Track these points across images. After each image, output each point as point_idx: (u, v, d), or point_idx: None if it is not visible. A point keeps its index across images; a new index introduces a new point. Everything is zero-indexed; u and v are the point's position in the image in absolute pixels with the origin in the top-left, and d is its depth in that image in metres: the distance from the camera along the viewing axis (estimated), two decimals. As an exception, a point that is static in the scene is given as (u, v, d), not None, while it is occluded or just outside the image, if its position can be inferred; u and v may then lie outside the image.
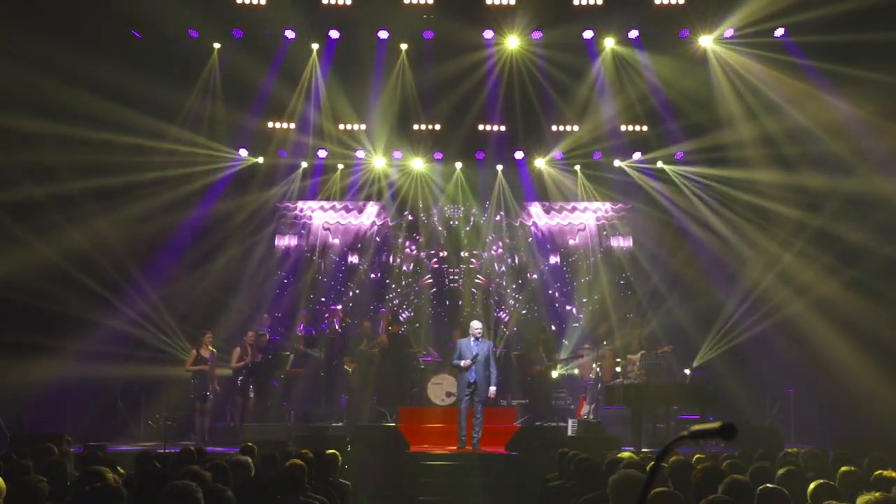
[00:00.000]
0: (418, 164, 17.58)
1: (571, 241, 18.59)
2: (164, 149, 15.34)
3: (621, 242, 18.42)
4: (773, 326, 15.04)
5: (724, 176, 16.34)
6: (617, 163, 17.67)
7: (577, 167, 17.86)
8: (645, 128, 16.75)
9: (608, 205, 18.48)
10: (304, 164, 17.63)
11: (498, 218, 18.54)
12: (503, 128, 16.94)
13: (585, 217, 18.63)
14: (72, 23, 13.20)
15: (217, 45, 15.19)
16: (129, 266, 15.14)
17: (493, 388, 12.57)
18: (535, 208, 18.66)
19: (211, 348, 14.27)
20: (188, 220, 16.26)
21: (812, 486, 5.52)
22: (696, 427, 2.58)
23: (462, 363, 12.37)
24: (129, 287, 15.11)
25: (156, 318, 15.40)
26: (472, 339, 12.50)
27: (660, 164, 17.37)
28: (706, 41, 14.97)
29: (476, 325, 12.70)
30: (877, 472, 6.18)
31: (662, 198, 17.39)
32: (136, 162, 14.87)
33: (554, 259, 18.56)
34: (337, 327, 16.38)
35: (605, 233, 18.50)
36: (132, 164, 14.81)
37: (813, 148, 14.50)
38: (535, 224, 18.63)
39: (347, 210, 18.55)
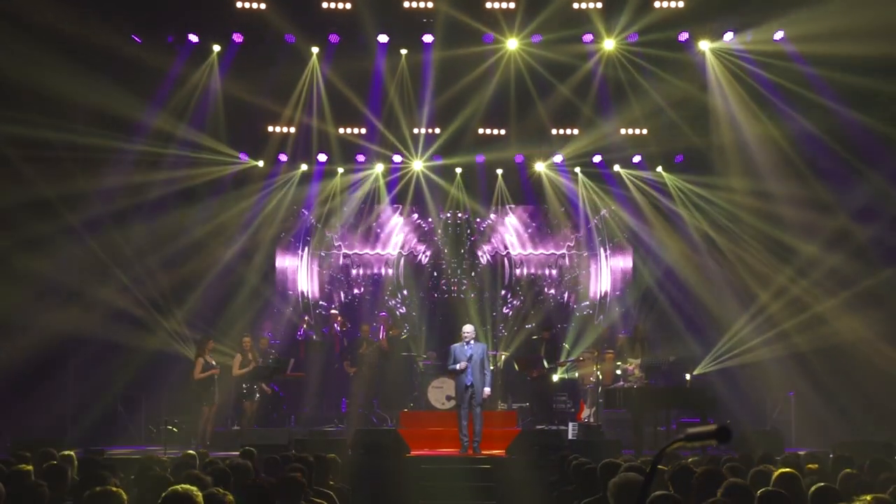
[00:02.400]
0: (418, 167, 17.59)
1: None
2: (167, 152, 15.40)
3: (621, 262, 18.42)
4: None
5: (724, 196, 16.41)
6: (617, 167, 17.68)
7: (578, 169, 17.85)
8: (645, 131, 16.77)
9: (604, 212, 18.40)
10: (304, 167, 17.64)
11: (488, 224, 18.55)
12: (503, 131, 16.96)
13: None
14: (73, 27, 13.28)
15: (217, 49, 15.21)
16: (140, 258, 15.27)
17: (487, 389, 12.64)
18: (533, 212, 18.63)
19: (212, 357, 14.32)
20: (189, 220, 16.29)
21: (813, 489, 5.53)
22: (693, 430, 2.59)
23: (458, 366, 12.46)
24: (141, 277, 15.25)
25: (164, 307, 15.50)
26: (465, 342, 12.58)
27: (659, 168, 17.40)
28: (706, 45, 15.01)
29: (468, 329, 12.79)
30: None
31: (663, 205, 17.41)
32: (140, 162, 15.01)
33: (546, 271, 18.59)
34: (337, 331, 16.39)
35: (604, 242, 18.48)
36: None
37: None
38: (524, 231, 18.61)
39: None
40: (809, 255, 14.97)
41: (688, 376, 14.55)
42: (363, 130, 16.81)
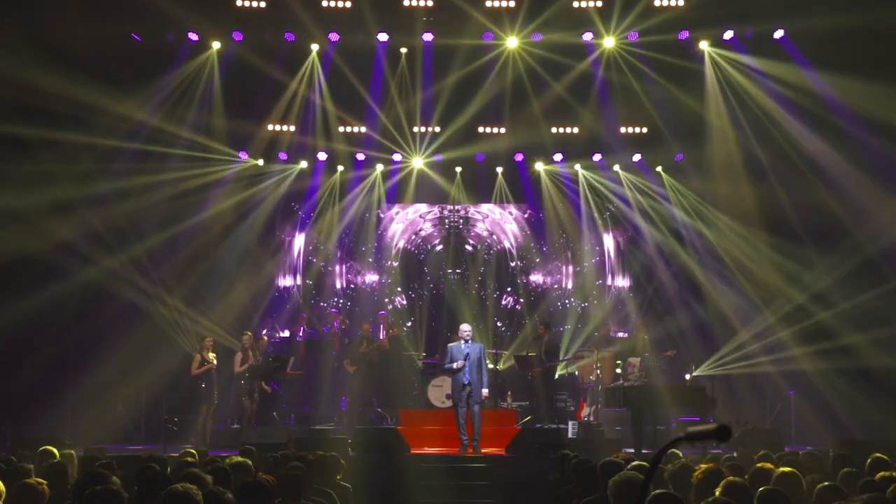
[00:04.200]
0: (418, 164, 17.57)
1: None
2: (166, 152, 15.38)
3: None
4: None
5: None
6: (616, 167, 17.66)
7: (578, 167, 17.82)
8: (645, 129, 16.77)
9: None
10: (304, 164, 17.61)
11: (488, 223, 18.52)
12: (503, 129, 16.95)
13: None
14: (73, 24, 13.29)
15: (217, 47, 15.19)
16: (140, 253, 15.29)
17: (485, 391, 12.62)
18: (533, 209, 18.60)
19: (212, 353, 14.33)
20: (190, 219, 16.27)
21: (817, 488, 5.53)
22: (693, 429, 2.60)
23: (455, 365, 12.43)
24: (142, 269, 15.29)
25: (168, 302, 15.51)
26: (463, 341, 12.57)
27: (658, 168, 17.40)
28: (705, 45, 15.03)
29: (465, 328, 12.80)
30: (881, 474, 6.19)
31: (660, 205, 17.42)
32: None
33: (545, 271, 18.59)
34: (337, 330, 16.38)
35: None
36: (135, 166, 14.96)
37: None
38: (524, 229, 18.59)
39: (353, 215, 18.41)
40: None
41: (687, 376, 14.55)
42: (363, 129, 16.80)
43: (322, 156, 17.42)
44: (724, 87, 15.11)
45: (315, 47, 15.44)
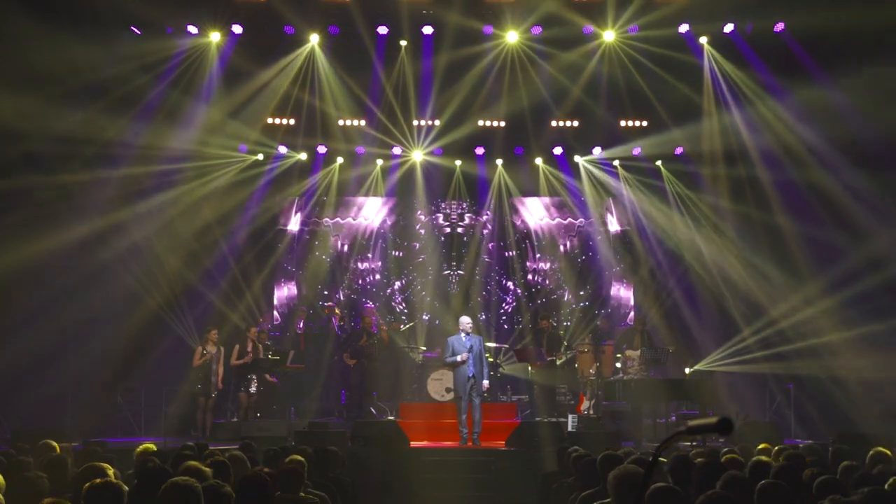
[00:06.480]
0: (418, 157, 17.55)
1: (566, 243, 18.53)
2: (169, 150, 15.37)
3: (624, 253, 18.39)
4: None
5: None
6: (616, 162, 17.64)
7: (578, 158, 17.79)
8: (645, 123, 16.76)
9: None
10: (304, 156, 17.58)
11: (488, 217, 18.51)
12: (503, 123, 16.93)
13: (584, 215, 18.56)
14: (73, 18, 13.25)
15: (216, 41, 15.15)
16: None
17: (486, 382, 12.67)
18: (533, 204, 18.58)
19: (214, 346, 14.35)
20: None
21: (816, 481, 5.54)
22: (694, 422, 2.59)
23: (459, 358, 12.41)
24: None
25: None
26: (464, 334, 12.57)
27: (658, 163, 17.38)
28: (704, 38, 15.02)
29: (465, 320, 12.78)
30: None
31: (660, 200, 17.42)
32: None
33: (545, 265, 18.54)
34: (335, 324, 16.38)
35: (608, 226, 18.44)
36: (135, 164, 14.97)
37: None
38: (524, 223, 18.56)
39: (352, 208, 18.43)
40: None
41: (687, 370, 14.55)
42: (362, 122, 16.78)
43: (322, 149, 17.40)
44: (722, 81, 15.11)
45: (315, 39, 15.38)
